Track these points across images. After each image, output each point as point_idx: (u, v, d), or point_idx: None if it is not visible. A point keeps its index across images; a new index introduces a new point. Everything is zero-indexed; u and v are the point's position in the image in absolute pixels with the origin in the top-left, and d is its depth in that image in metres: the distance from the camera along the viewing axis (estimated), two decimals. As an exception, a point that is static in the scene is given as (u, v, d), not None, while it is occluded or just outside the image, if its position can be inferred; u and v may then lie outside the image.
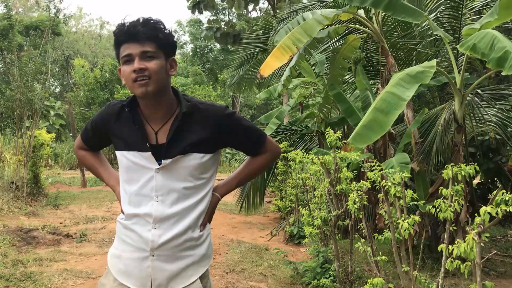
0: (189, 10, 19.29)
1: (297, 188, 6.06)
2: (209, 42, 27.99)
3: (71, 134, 21.00)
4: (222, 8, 26.51)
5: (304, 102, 8.85)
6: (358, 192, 3.12)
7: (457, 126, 4.64)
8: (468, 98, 4.97)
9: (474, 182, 6.51)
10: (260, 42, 8.48)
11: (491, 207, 1.78)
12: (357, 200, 3.08)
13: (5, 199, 8.12)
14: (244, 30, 17.27)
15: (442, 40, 4.74)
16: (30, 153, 9.37)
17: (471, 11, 5.52)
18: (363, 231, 3.15)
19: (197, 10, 19.08)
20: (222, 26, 19.06)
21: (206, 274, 1.67)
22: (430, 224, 4.78)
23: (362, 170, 4.70)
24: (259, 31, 8.78)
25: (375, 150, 5.47)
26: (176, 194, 1.56)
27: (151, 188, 1.56)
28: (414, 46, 6.00)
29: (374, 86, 6.66)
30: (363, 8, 5.53)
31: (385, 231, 2.88)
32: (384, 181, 2.71)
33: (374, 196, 4.73)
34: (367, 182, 2.99)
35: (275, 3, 16.94)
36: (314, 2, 6.94)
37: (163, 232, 1.55)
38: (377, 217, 4.74)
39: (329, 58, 6.99)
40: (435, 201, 2.37)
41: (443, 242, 2.31)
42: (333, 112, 7.59)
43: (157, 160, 1.56)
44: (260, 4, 19.56)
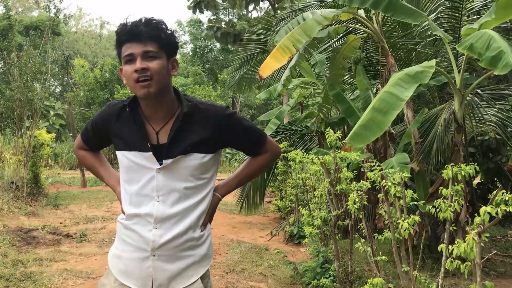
0: (189, 9, 19.33)
1: (297, 188, 6.06)
2: (209, 42, 28.02)
3: (71, 134, 21.01)
4: (222, 8, 26.51)
5: (304, 102, 8.85)
6: (358, 192, 3.13)
7: (457, 126, 4.64)
8: (468, 98, 4.97)
9: (474, 182, 6.50)
10: (260, 42, 8.48)
11: (491, 207, 1.78)
12: (357, 200, 3.09)
13: (5, 199, 8.12)
14: (244, 30, 17.28)
15: (442, 40, 4.75)
16: (30, 153, 9.37)
17: (470, 12, 5.52)
18: (363, 231, 3.15)
19: (198, 9, 19.10)
20: (222, 26, 19.07)
21: (207, 274, 1.67)
22: (430, 224, 4.78)
23: (362, 170, 4.71)
24: (259, 31, 8.77)
25: (375, 150, 5.47)
26: (177, 194, 1.56)
27: (152, 188, 1.56)
28: (414, 46, 6.00)
29: (374, 86, 6.66)
30: (363, 8, 5.53)
31: (385, 231, 2.88)
32: (384, 181, 2.71)
33: (374, 196, 4.73)
34: (367, 182, 2.99)
35: (275, 3, 16.95)
36: (314, 2, 6.94)
37: (164, 232, 1.55)
38: (377, 217, 4.74)
39: (329, 58, 7.00)
40: (435, 201, 2.38)
41: (443, 242, 2.32)
42: (333, 112, 7.60)
43: (158, 160, 1.56)
44: (260, 4, 19.57)
